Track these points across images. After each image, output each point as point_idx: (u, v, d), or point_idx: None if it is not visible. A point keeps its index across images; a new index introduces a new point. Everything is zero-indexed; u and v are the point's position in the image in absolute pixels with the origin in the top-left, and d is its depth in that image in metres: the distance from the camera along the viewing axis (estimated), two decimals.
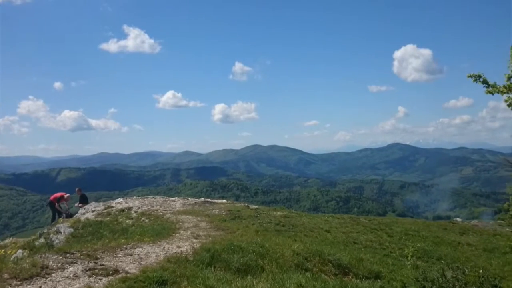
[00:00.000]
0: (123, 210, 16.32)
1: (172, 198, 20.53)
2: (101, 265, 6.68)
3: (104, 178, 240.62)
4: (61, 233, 13.46)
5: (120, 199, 19.41)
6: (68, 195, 19.09)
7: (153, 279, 5.83)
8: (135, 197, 21.83)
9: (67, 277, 5.94)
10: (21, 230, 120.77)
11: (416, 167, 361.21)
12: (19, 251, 12.80)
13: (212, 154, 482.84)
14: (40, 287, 5.52)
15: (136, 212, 15.84)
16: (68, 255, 7.07)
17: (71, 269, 6.31)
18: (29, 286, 5.49)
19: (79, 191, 19.99)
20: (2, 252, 13.23)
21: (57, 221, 17.04)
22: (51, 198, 19.21)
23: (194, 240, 9.51)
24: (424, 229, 18.26)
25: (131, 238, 9.66)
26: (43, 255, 6.92)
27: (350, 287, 6.64)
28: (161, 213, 15.37)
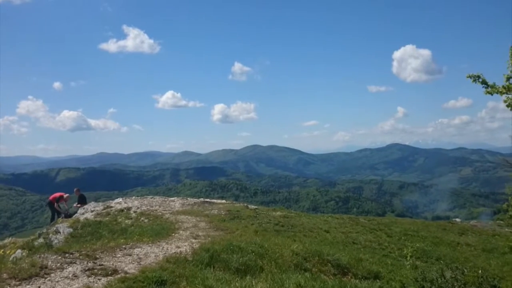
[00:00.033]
0: (122, 210, 16.32)
1: (171, 198, 20.51)
2: (100, 265, 6.67)
3: (104, 178, 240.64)
4: (60, 233, 13.45)
5: (119, 199, 19.39)
6: (67, 195, 19.08)
7: (152, 279, 5.82)
8: (134, 197, 21.81)
9: (66, 277, 5.93)
10: (20, 230, 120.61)
11: (415, 167, 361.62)
12: (18, 251, 12.79)
13: (211, 154, 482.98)
14: (39, 287, 5.51)
15: (135, 212, 15.83)
16: (67, 255, 7.05)
17: (70, 269, 6.30)
18: (28, 286, 5.47)
19: (77, 191, 19.99)
20: (1, 252, 13.23)
21: (56, 221, 17.01)
22: (50, 198, 19.17)
23: (193, 240, 9.50)
24: (423, 229, 18.29)
25: (130, 238, 9.64)
26: (42, 255, 6.90)
27: (349, 287, 6.64)
28: (160, 213, 15.35)
